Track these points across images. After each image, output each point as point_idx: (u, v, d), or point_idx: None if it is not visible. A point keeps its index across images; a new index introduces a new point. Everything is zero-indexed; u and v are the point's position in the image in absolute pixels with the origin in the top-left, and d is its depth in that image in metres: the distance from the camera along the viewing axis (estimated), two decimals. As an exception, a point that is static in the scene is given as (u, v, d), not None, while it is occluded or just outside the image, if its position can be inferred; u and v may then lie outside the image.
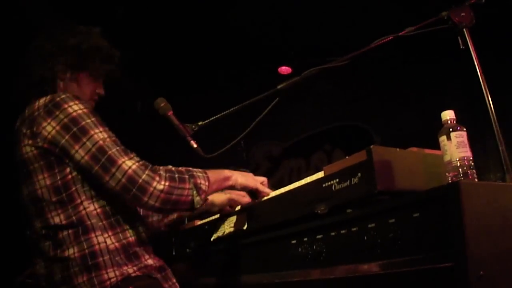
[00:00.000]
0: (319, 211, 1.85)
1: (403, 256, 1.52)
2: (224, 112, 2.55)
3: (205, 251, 2.76)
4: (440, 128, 1.77)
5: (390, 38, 2.32)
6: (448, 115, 1.77)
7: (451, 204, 1.40)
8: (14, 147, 2.24)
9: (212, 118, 2.56)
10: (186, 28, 5.72)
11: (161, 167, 2.13)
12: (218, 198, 2.59)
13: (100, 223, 2.10)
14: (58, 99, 2.13)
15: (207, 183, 2.21)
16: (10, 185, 2.32)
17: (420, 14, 2.35)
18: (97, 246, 2.06)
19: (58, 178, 2.10)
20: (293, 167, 7.04)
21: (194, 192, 2.14)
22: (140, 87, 5.50)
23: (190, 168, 2.23)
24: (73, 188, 2.10)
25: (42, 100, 2.17)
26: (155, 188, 2.04)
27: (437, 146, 1.78)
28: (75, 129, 2.07)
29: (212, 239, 2.60)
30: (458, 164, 1.68)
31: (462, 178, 1.65)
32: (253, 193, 2.50)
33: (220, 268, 2.59)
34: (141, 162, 2.08)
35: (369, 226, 1.65)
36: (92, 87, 2.46)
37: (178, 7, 5.40)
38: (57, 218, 2.09)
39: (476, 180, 1.68)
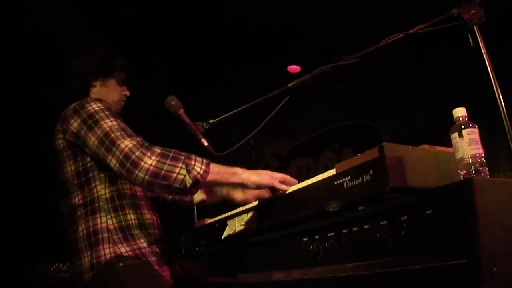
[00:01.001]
0: (330, 209, 1.85)
1: (416, 253, 1.51)
2: (235, 110, 2.55)
3: (215, 249, 2.76)
4: (451, 125, 1.77)
5: (400, 36, 2.32)
6: (459, 112, 1.77)
7: (464, 201, 1.40)
8: (51, 141, 2.62)
9: (222, 116, 2.56)
10: (195, 27, 5.73)
11: (159, 147, 2.31)
12: (247, 192, 2.86)
13: (106, 206, 2.44)
14: (84, 102, 2.52)
15: (203, 167, 2.28)
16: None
17: (430, 11, 2.35)
18: (99, 225, 2.40)
19: (80, 165, 2.48)
20: (302, 166, 7.04)
21: (185, 171, 2.24)
22: (151, 85, 5.52)
23: (193, 154, 2.33)
24: (90, 174, 2.47)
25: (74, 104, 2.55)
26: (145, 162, 2.23)
27: (447, 143, 1.78)
28: (90, 121, 2.42)
29: (222, 237, 2.61)
30: (470, 161, 1.67)
31: (474, 175, 1.65)
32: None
33: (230, 266, 2.59)
34: (138, 141, 2.32)
35: (381, 223, 1.65)
36: (119, 90, 2.88)
37: (188, 6, 5.41)
38: (76, 198, 2.47)
39: (488, 177, 1.68)
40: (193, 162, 2.27)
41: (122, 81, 2.90)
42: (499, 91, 2.06)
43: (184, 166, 2.24)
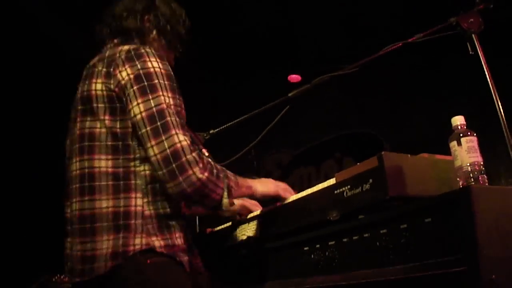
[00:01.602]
0: (331, 218, 1.86)
1: (415, 261, 1.52)
2: (235, 121, 2.56)
3: (216, 260, 2.76)
4: (450, 134, 1.78)
5: (399, 44, 2.34)
6: (458, 120, 1.78)
7: (462, 209, 1.41)
8: (80, 82, 2.20)
9: (223, 127, 2.57)
10: (195, 36, 5.75)
11: (205, 156, 2.04)
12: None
13: (144, 186, 2.01)
14: (142, 50, 2.09)
15: (236, 188, 2.11)
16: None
17: (428, 20, 2.36)
18: (133, 208, 1.98)
19: (118, 126, 2.04)
20: (304, 175, 7.05)
21: (225, 193, 2.03)
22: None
23: (224, 168, 2.14)
24: (130, 142, 2.03)
25: (127, 46, 2.13)
26: (194, 173, 1.92)
27: (447, 152, 1.79)
28: (146, 83, 2.00)
29: (224, 247, 2.61)
30: (469, 169, 1.68)
31: (473, 183, 1.66)
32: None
33: (232, 276, 2.59)
34: (192, 141, 1.99)
35: (381, 231, 1.66)
36: (170, 55, 2.46)
37: (189, 16, 5.43)
38: (104, 162, 2.02)
39: (487, 185, 1.69)
40: (231, 183, 2.06)
41: (173, 47, 2.48)
42: (498, 99, 2.07)
43: (225, 187, 2.03)
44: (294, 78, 6.67)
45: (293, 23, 5.77)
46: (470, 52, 2.20)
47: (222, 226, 2.76)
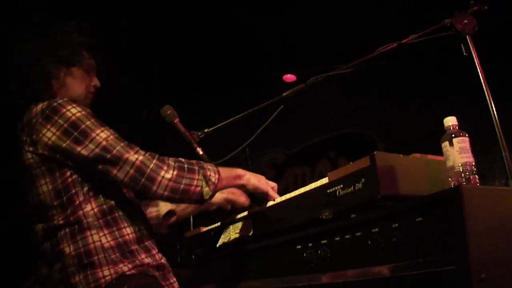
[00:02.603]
0: (323, 217, 1.87)
1: (406, 260, 1.54)
2: (230, 120, 2.57)
3: (210, 258, 2.77)
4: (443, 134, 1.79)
5: (394, 45, 2.35)
6: (450, 121, 1.79)
7: (453, 208, 1.42)
8: (17, 153, 2.23)
9: (217, 126, 2.58)
10: (191, 36, 5.75)
11: (170, 158, 2.13)
12: (216, 196, 2.46)
13: (96, 222, 2.10)
14: (55, 104, 2.12)
15: (217, 176, 2.18)
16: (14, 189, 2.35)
17: (423, 21, 2.37)
18: (92, 245, 2.06)
19: (59, 181, 2.11)
20: (298, 175, 7.05)
21: (203, 183, 2.12)
22: (146, 95, 5.53)
23: (201, 161, 2.22)
24: (73, 191, 2.11)
25: (39, 106, 2.15)
26: (163, 177, 2.04)
27: (441, 152, 1.80)
28: (76, 133, 2.07)
29: (217, 246, 2.62)
30: (461, 170, 1.70)
31: (464, 183, 1.67)
32: (257, 197, 2.49)
33: (226, 274, 2.60)
34: (148, 153, 2.08)
35: (373, 230, 1.67)
36: (87, 80, 2.42)
37: (183, 15, 5.44)
38: (56, 220, 2.10)
39: (478, 185, 1.70)
40: (208, 173, 2.15)
41: (91, 68, 2.44)
42: (491, 100, 2.08)
43: (201, 177, 2.13)
44: (289, 78, 6.67)
45: (289, 23, 5.76)
46: (464, 53, 2.21)
47: (216, 225, 2.77)
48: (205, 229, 2.91)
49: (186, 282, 2.81)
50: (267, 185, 2.42)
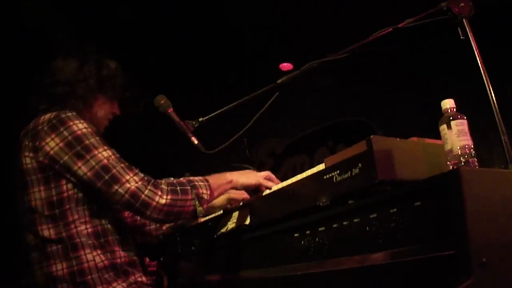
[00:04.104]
0: (321, 204, 1.85)
1: (405, 245, 1.51)
2: (224, 108, 2.54)
3: (209, 248, 2.76)
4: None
5: (390, 30, 2.32)
6: (448, 104, 1.76)
7: (451, 192, 1.39)
8: (14, 156, 2.27)
9: (212, 114, 2.55)
10: (186, 25, 5.72)
11: (163, 181, 2.21)
12: (218, 200, 2.61)
13: (90, 242, 2.16)
14: (63, 115, 2.18)
15: (208, 192, 2.29)
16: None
17: (419, 5, 2.34)
18: (86, 264, 2.12)
19: (54, 193, 2.16)
20: (297, 164, 7.05)
21: (196, 202, 2.24)
22: (140, 85, 5.51)
23: (192, 178, 2.31)
24: (67, 206, 2.16)
25: (47, 116, 2.20)
26: (157, 202, 2.13)
27: (439, 137, 1.77)
28: (78, 147, 2.13)
29: (215, 236, 2.60)
30: (459, 153, 1.67)
31: (463, 166, 1.64)
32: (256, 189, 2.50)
33: (225, 264, 2.59)
34: (144, 178, 2.16)
35: (371, 216, 1.64)
36: (108, 107, 2.53)
37: (178, 4, 5.41)
38: (47, 232, 2.15)
39: (477, 167, 1.67)
40: (200, 191, 2.26)
41: (114, 97, 2.55)
42: (490, 84, 2.06)
43: (194, 197, 2.24)
44: (286, 66, 6.65)
45: (285, 11, 5.73)
46: (461, 37, 2.18)
47: (214, 215, 2.75)
48: (203, 219, 2.90)
49: (187, 273, 2.81)
50: (258, 178, 2.46)
